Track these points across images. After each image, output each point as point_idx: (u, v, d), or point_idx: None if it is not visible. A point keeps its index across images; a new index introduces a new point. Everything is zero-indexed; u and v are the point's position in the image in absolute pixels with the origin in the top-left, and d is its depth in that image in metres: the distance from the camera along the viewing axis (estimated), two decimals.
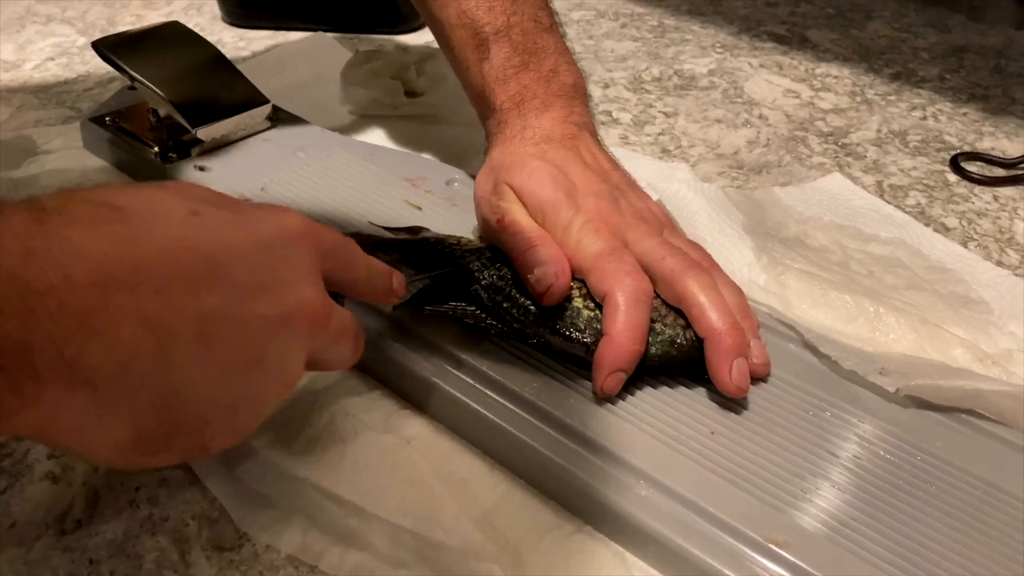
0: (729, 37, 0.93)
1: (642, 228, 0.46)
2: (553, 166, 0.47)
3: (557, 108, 0.51)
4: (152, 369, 0.26)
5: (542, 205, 0.46)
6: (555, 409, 0.41)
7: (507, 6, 0.51)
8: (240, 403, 0.31)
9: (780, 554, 0.35)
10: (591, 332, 0.42)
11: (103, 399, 0.25)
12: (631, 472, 0.39)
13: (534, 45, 0.51)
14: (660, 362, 0.43)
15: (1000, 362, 0.49)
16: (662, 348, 0.42)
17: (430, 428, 0.43)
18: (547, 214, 0.46)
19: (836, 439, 0.41)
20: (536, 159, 0.48)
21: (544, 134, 0.49)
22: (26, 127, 0.67)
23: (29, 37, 0.82)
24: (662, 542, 0.37)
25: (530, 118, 0.50)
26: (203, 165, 0.59)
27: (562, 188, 0.46)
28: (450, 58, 0.54)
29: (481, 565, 0.36)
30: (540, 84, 0.51)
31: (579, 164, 0.48)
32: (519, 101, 0.51)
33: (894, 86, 0.85)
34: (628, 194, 0.49)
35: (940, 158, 0.72)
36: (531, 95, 0.51)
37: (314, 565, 0.37)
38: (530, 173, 0.47)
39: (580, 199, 0.46)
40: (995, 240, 0.62)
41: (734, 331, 0.42)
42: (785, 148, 0.72)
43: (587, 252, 0.44)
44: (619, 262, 0.43)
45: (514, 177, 0.48)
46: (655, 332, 0.42)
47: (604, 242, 0.44)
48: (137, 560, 0.37)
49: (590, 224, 0.45)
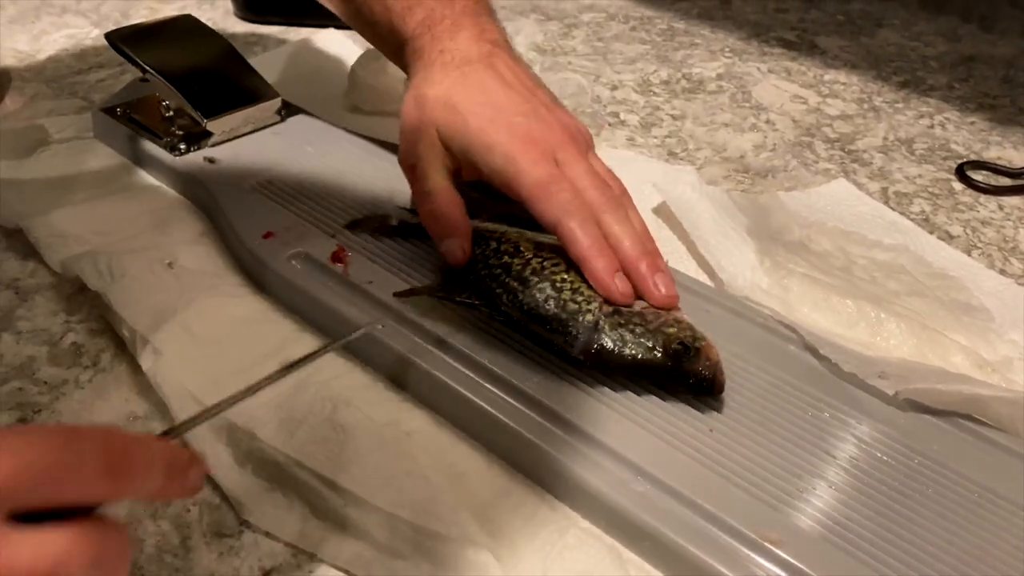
0: (738, 42, 0.93)
1: (571, 149, 0.48)
2: (476, 93, 0.48)
3: (468, 27, 0.51)
4: None
5: (469, 142, 0.47)
6: (554, 404, 0.41)
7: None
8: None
9: (774, 552, 0.36)
10: (576, 327, 0.43)
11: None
12: (628, 467, 0.39)
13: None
14: (634, 363, 0.42)
15: (999, 369, 0.49)
16: (636, 351, 0.42)
17: (430, 421, 0.43)
18: (475, 150, 0.47)
19: (834, 440, 0.42)
20: (458, 88, 0.49)
21: (462, 56, 0.50)
22: (39, 116, 0.68)
23: (44, 28, 0.83)
24: (657, 537, 0.37)
25: (444, 41, 0.50)
26: (212, 157, 0.60)
27: (486, 117, 0.47)
28: (349, 9, 0.55)
29: (478, 555, 0.36)
30: (446, 5, 0.51)
31: (501, 83, 0.49)
32: (429, 25, 0.51)
33: (902, 94, 0.85)
34: (555, 110, 0.50)
35: (946, 166, 0.72)
36: (439, 17, 0.51)
37: (313, 553, 0.38)
38: (453, 108, 0.48)
39: (508, 119, 0.47)
40: (999, 249, 0.62)
41: (647, 255, 0.46)
42: (791, 153, 0.72)
43: (525, 181, 0.46)
44: (558, 188, 0.45)
45: (438, 114, 0.48)
46: (635, 334, 0.43)
47: (540, 169, 0.46)
48: (138, 544, 0.37)
49: (521, 149, 0.46)
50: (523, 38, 0.90)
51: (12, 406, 0.43)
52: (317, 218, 0.54)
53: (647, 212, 0.60)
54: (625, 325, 0.43)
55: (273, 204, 0.55)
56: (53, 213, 0.55)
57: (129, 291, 0.48)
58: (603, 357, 0.42)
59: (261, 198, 0.56)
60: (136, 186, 0.60)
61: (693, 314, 0.46)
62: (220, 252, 0.54)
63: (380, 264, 0.50)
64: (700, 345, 0.42)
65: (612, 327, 0.42)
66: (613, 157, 0.67)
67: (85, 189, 0.59)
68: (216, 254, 0.54)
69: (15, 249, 0.55)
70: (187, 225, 0.56)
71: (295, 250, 0.51)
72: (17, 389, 0.44)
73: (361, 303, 0.47)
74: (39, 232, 0.54)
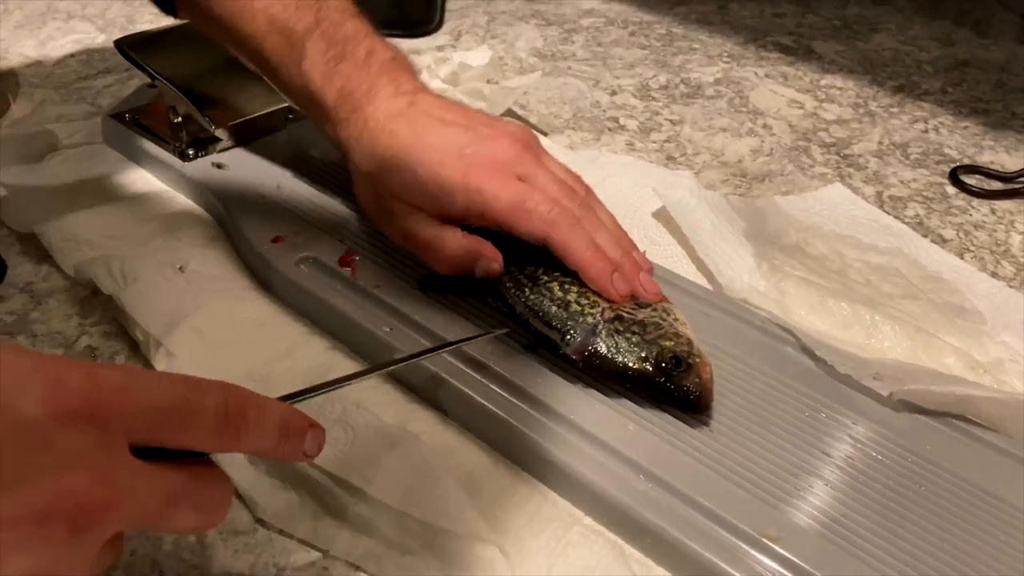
0: (736, 47, 0.95)
1: (528, 159, 0.48)
2: (413, 145, 0.48)
3: (384, 87, 0.50)
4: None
5: (430, 194, 0.47)
6: (558, 405, 0.43)
7: (312, 3, 0.50)
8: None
9: (772, 548, 0.37)
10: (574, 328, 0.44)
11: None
12: (631, 466, 0.40)
13: (346, 33, 0.51)
14: (623, 371, 0.43)
15: (991, 371, 0.50)
16: (627, 360, 0.43)
17: (437, 421, 0.45)
18: (439, 198, 0.47)
19: (830, 440, 0.43)
20: (394, 148, 0.48)
21: (385, 116, 0.49)
22: (48, 121, 0.69)
23: (50, 33, 0.84)
24: (659, 534, 0.38)
25: (365, 108, 0.50)
26: (220, 163, 0.61)
27: (435, 162, 0.47)
28: (266, 70, 0.53)
29: (486, 551, 0.37)
30: (362, 71, 0.50)
31: (433, 124, 0.49)
32: (347, 94, 0.50)
33: (897, 98, 0.86)
34: (495, 124, 0.50)
35: (940, 171, 0.74)
36: (356, 84, 0.50)
37: (326, 550, 0.39)
38: (399, 169, 0.48)
39: (456, 155, 0.47)
40: (991, 252, 0.64)
41: (627, 255, 0.48)
42: (788, 158, 0.74)
43: (500, 207, 0.46)
44: (534, 203, 0.46)
45: (391, 180, 0.48)
46: (630, 343, 0.43)
47: (509, 190, 0.46)
48: (156, 541, 0.39)
49: (483, 177, 0.46)
50: (524, 43, 0.91)
51: None
52: (325, 222, 0.56)
53: (647, 216, 0.62)
54: (623, 332, 0.44)
55: (281, 208, 0.57)
56: (65, 218, 0.57)
57: (142, 295, 0.49)
58: (595, 361, 0.43)
59: (270, 203, 0.57)
60: (146, 191, 0.61)
61: (693, 317, 0.47)
62: (230, 256, 0.55)
63: (388, 268, 0.51)
64: (694, 362, 0.43)
65: (609, 333, 0.44)
66: (613, 161, 0.69)
67: (96, 194, 0.60)
68: (226, 258, 0.55)
69: (28, 253, 0.56)
70: (197, 230, 0.57)
71: (304, 254, 0.52)
72: None
73: (369, 307, 0.48)
74: (52, 236, 0.55)
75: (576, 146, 0.72)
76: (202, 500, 0.29)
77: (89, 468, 0.25)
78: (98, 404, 0.26)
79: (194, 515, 0.29)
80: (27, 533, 0.24)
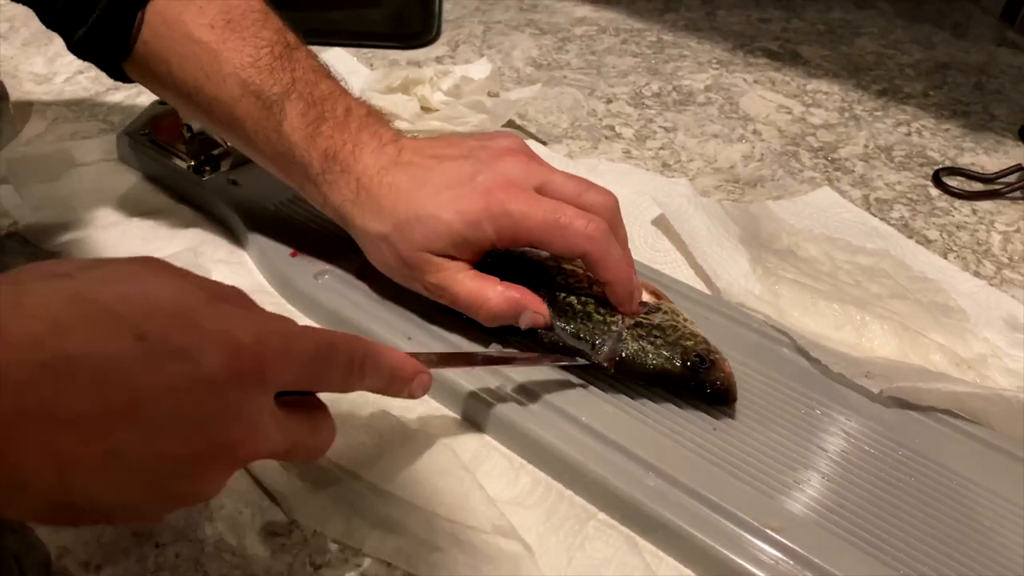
0: (724, 53, 0.98)
1: (535, 169, 0.48)
2: (418, 191, 0.47)
3: (368, 142, 0.49)
4: (49, 490, 0.27)
5: (459, 235, 0.46)
6: (572, 409, 0.45)
7: (285, 64, 0.49)
8: (143, 509, 0.31)
9: (775, 537, 0.40)
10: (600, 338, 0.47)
11: (6, 502, 0.27)
12: (641, 464, 0.43)
13: (322, 93, 0.50)
14: (655, 372, 0.46)
15: (975, 366, 0.53)
16: (659, 361, 0.46)
17: (460, 425, 0.47)
18: (468, 236, 0.46)
19: (825, 435, 0.46)
20: (401, 202, 0.47)
21: (376, 170, 0.48)
22: (63, 140, 0.71)
23: (57, 51, 0.85)
24: (669, 527, 0.41)
25: (354, 168, 0.48)
26: (235, 179, 0.63)
27: (450, 201, 0.46)
28: (239, 134, 0.51)
29: (510, 546, 0.40)
30: (343, 130, 0.49)
31: (430, 163, 0.48)
32: (333, 155, 0.49)
33: (881, 102, 0.89)
34: (488, 143, 0.49)
35: (923, 173, 0.77)
36: (340, 144, 0.49)
37: (358, 548, 0.41)
38: (416, 222, 0.46)
39: (469, 186, 0.46)
40: (973, 252, 0.67)
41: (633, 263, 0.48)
42: (778, 163, 0.77)
43: (532, 225, 0.45)
44: (568, 219, 0.45)
45: (414, 235, 0.47)
46: (656, 346, 0.47)
47: (538, 208, 0.45)
48: (199, 544, 0.41)
49: (505, 199, 0.45)
50: (520, 53, 0.93)
51: None
52: (337, 235, 0.58)
53: (647, 224, 0.64)
54: (646, 337, 0.47)
55: (296, 223, 0.59)
56: (88, 235, 0.59)
57: None
58: (626, 366, 0.46)
59: (285, 218, 0.60)
60: (164, 207, 0.63)
61: (695, 322, 0.50)
62: (250, 270, 0.57)
63: None
64: (715, 358, 0.46)
65: (634, 338, 0.46)
66: (612, 170, 0.72)
67: (116, 211, 0.62)
68: (247, 272, 0.57)
69: None
70: (216, 244, 0.59)
71: (321, 268, 0.55)
72: None
73: (389, 317, 0.51)
74: (76, 254, 0.57)
75: (575, 155, 0.75)
76: (316, 443, 0.37)
77: (247, 423, 0.31)
78: (262, 367, 0.31)
79: (305, 453, 0.36)
80: (186, 468, 0.30)
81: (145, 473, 0.29)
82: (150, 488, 0.30)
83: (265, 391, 0.32)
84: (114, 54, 0.51)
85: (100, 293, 0.29)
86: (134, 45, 0.50)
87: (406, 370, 0.39)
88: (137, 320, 0.28)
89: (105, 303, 0.28)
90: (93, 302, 0.28)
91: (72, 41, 0.51)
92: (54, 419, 0.26)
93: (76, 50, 0.52)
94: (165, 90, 0.52)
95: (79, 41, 0.51)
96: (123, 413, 0.28)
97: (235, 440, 0.31)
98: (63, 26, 0.51)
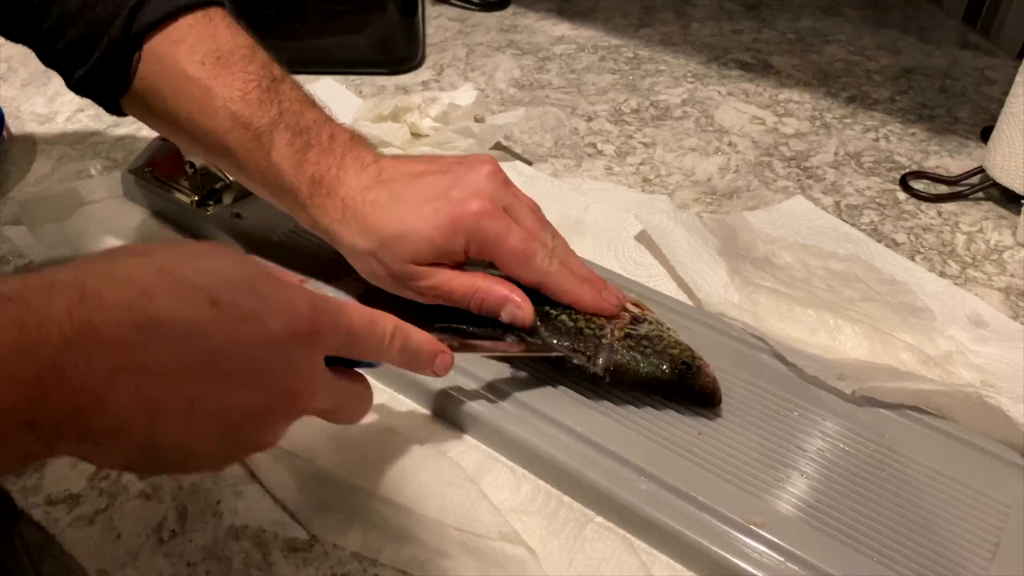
0: (699, 66, 1.01)
1: (504, 191, 0.51)
2: (399, 206, 0.50)
3: (351, 166, 0.52)
4: (140, 433, 0.32)
5: (440, 247, 0.50)
6: (567, 419, 0.49)
7: (272, 96, 0.52)
8: (215, 455, 0.37)
9: (759, 532, 0.43)
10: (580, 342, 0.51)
11: (101, 448, 0.32)
12: (632, 469, 0.47)
13: (308, 122, 0.53)
14: (647, 380, 0.50)
15: (941, 363, 0.57)
16: (649, 369, 0.50)
17: (463, 440, 0.51)
18: (442, 245, 0.50)
19: (803, 435, 0.50)
20: (385, 218, 0.50)
21: (360, 189, 0.51)
22: (69, 179, 0.74)
23: (56, 89, 0.88)
24: (661, 527, 0.45)
25: (339, 191, 0.52)
26: (239, 212, 0.66)
27: (428, 214, 0.50)
28: (231, 163, 0.54)
29: (515, 550, 0.43)
30: (329, 156, 0.52)
31: (409, 180, 0.51)
32: (319, 179, 0.52)
33: (850, 109, 0.93)
34: (464, 159, 0.53)
35: (891, 177, 0.81)
36: (326, 168, 0.52)
37: (375, 559, 0.45)
38: (402, 238, 0.50)
39: (445, 199, 0.50)
40: (938, 253, 0.71)
41: (593, 274, 0.53)
42: (753, 173, 0.80)
43: (506, 248, 0.50)
44: (534, 251, 0.50)
45: (398, 249, 0.50)
46: (646, 355, 0.50)
47: (513, 235, 0.50)
48: (227, 562, 0.44)
49: (480, 215, 0.49)
50: (503, 74, 0.97)
51: None
52: (338, 261, 0.61)
53: (630, 239, 0.68)
54: (635, 347, 0.50)
55: (300, 252, 0.62)
56: None
57: None
58: (619, 375, 0.50)
59: (289, 247, 0.63)
60: (171, 241, 0.67)
61: (677, 331, 0.54)
62: None
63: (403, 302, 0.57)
64: (700, 364, 0.50)
65: (625, 348, 0.50)
66: (595, 188, 0.75)
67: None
68: None
69: None
70: None
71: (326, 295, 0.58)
72: None
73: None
74: None
75: (559, 173, 0.79)
76: (355, 407, 0.43)
77: (304, 377, 0.37)
78: (317, 329, 0.37)
79: (346, 415, 0.43)
80: (254, 417, 0.35)
81: (220, 419, 0.34)
82: (224, 434, 0.35)
83: (318, 351, 0.38)
84: (113, 91, 0.54)
85: (180, 267, 0.34)
86: (131, 82, 0.53)
87: (430, 348, 0.44)
88: (211, 288, 0.33)
89: (184, 275, 0.33)
90: (174, 274, 0.33)
91: (72, 80, 0.55)
92: (144, 371, 0.31)
93: (76, 88, 0.56)
94: (160, 123, 0.56)
95: (79, 80, 0.54)
96: (202, 366, 0.33)
97: (295, 390, 0.36)
98: (63, 65, 0.55)
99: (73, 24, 0.52)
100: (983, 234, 0.73)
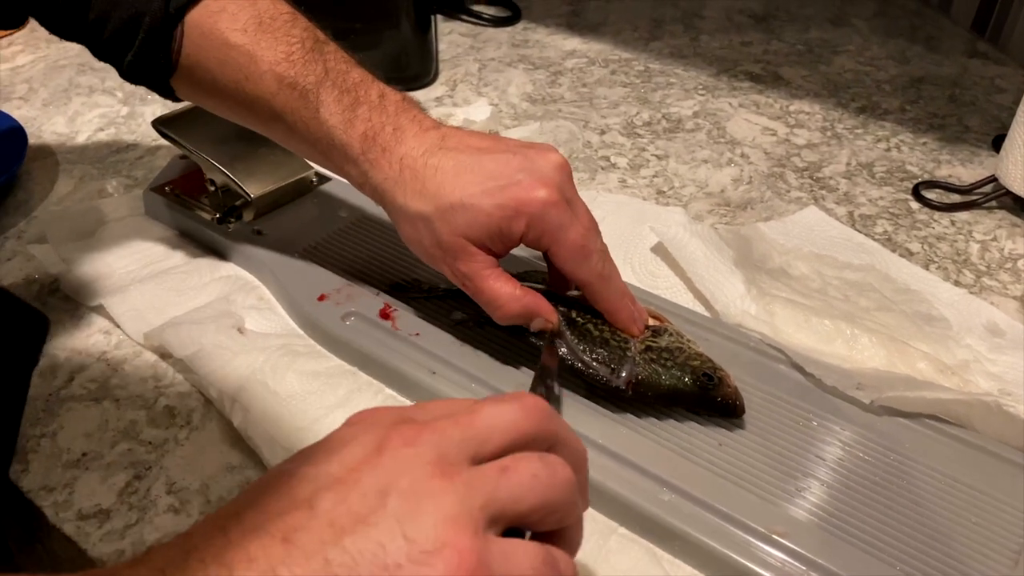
0: (709, 78, 1.02)
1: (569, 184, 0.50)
2: (463, 177, 0.49)
3: (408, 126, 0.51)
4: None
5: (495, 225, 0.48)
6: (590, 432, 0.49)
7: (317, 56, 0.52)
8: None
9: (781, 542, 0.44)
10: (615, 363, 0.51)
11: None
12: (655, 480, 0.47)
13: (354, 80, 0.53)
14: (669, 392, 0.50)
15: (958, 372, 0.57)
16: (671, 381, 0.50)
17: None
18: (501, 225, 0.48)
19: (823, 444, 0.50)
20: (445, 186, 0.49)
21: (422, 152, 0.50)
22: (91, 197, 0.75)
23: (77, 109, 0.89)
24: (684, 537, 0.45)
25: (395, 148, 0.50)
26: (260, 229, 0.67)
27: (495, 190, 0.48)
28: (280, 127, 0.54)
29: None
30: (380, 113, 0.52)
31: (475, 154, 0.49)
32: (372, 136, 0.51)
33: (860, 119, 0.94)
34: (533, 144, 0.51)
35: (904, 187, 0.81)
36: (380, 126, 0.51)
37: None
38: (460, 207, 0.48)
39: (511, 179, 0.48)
40: (952, 262, 0.71)
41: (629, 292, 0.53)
42: (766, 184, 0.81)
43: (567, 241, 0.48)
44: (592, 248, 0.49)
45: (455, 219, 0.48)
46: (667, 368, 0.51)
47: (573, 224, 0.48)
48: None
49: (548, 202, 0.48)
50: (515, 88, 0.98)
51: (126, 465, 0.51)
52: (360, 277, 0.62)
53: (646, 251, 0.69)
54: (657, 360, 0.51)
55: (321, 268, 0.63)
56: (126, 290, 0.63)
57: (210, 356, 0.56)
58: (642, 387, 0.50)
59: (309, 263, 0.64)
60: (193, 258, 0.67)
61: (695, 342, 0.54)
62: (280, 315, 0.61)
63: (424, 316, 0.58)
64: (721, 375, 0.50)
65: (647, 362, 0.51)
66: (609, 201, 0.76)
67: (148, 264, 0.66)
68: (276, 317, 0.61)
69: (98, 324, 0.62)
70: (246, 292, 0.63)
71: (347, 310, 0.59)
72: (127, 450, 0.52)
73: (414, 354, 0.55)
74: (118, 308, 0.61)
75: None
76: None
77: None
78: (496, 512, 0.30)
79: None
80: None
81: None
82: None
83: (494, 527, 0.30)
84: (162, 72, 0.55)
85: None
86: (178, 60, 0.54)
87: None
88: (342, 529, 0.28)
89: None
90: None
91: (123, 67, 0.56)
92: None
93: (128, 75, 0.57)
94: (210, 98, 0.56)
95: (129, 65, 0.56)
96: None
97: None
98: (112, 54, 0.56)
99: (115, 9, 0.53)
100: (997, 243, 0.73)
